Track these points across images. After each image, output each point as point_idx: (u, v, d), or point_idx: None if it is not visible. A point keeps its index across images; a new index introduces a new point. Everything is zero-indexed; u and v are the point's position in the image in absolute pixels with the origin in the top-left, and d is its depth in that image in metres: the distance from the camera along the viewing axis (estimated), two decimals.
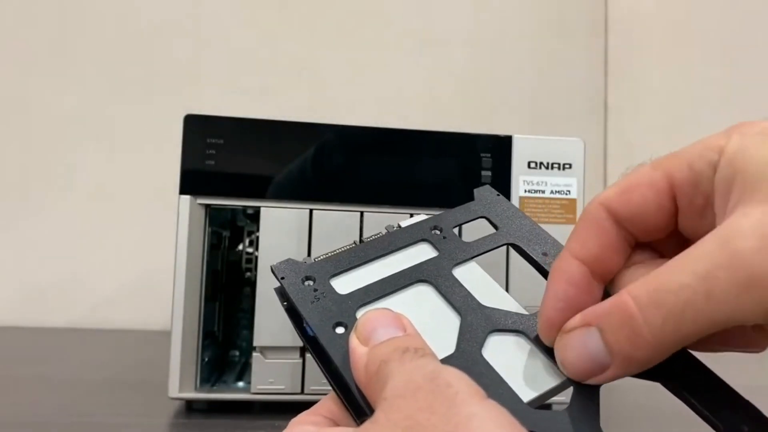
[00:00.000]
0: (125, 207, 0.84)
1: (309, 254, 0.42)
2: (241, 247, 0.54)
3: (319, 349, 0.23)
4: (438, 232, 0.28)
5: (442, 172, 0.44)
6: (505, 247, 0.28)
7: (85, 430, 0.40)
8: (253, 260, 0.53)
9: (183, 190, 0.42)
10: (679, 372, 0.21)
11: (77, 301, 0.82)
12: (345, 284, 0.25)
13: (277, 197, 0.43)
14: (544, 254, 0.27)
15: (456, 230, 0.29)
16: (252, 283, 0.51)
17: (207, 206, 0.43)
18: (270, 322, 0.41)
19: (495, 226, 0.29)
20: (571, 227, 0.44)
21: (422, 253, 0.27)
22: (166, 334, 0.42)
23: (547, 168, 0.45)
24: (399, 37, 0.91)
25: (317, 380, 0.41)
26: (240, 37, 0.88)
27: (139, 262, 0.83)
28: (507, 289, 0.43)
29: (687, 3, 0.97)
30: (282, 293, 0.25)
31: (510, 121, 0.92)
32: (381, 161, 0.44)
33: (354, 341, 0.22)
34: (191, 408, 0.44)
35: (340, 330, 0.23)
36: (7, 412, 0.43)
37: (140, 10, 0.87)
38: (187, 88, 0.86)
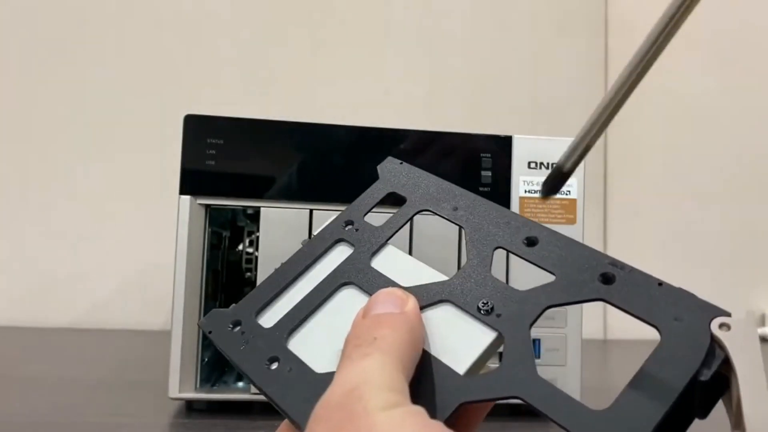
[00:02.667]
0: (125, 207, 0.84)
1: None
2: (241, 247, 0.54)
3: (261, 389, 0.23)
4: (351, 227, 0.28)
5: (442, 172, 0.44)
6: (417, 215, 0.28)
7: (85, 430, 0.40)
8: (253, 260, 0.53)
9: (183, 191, 0.42)
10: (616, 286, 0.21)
11: (77, 301, 0.82)
12: (271, 316, 0.25)
13: (277, 197, 0.43)
14: (455, 209, 0.27)
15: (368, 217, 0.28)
16: (252, 283, 0.51)
17: (207, 206, 0.43)
18: None
19: (403, 199, 0.28)
20: (571, 227, 0.44)
21: (340, 254, 0.27)
22: (167, 334, 0.42)
23: (547, 168, 0.45)
24: (399, 38, 0.91)
25: None
26: (240, 37, 0.88)
27: (140, 262, 0.83)
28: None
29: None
30: (215, 345, 0.25)
31: (510, 121, 0.92)
32: (381, 161, 0.44)
33: (359, 312, 0.22)
34: (191, 408, 0.44)
35: (274, 366, 0.23)
36: (6, 412, 0.42)
37: (140, 10, 0.86)
38: (188, 88, 0.86)
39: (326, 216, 0.42)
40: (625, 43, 0.96)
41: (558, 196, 0.45)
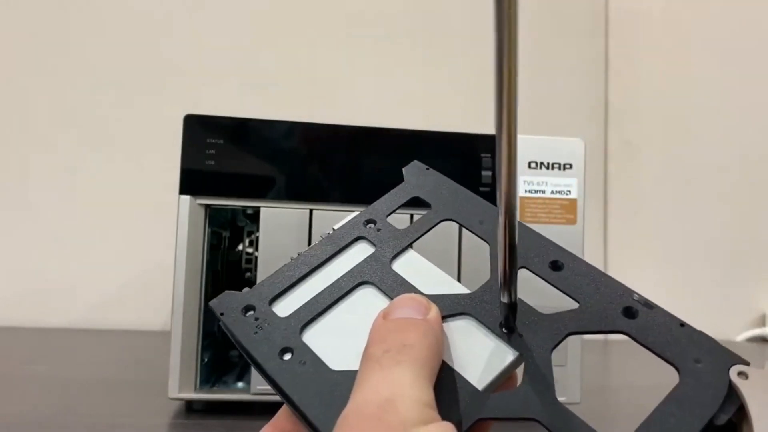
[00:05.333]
0: (125, 207, 0.84)
1: None
2: (241, 247, 0.54)
3: (272, 379, 0.23)
4: (372, 226, 0.27)
5: (442, 172, 0.44)
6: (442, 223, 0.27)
7: (85, 430, 0.40)
8: (253, 260, 0.53)
9: (183, 191, 0.42)
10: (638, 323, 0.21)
11: (77, 301, 0.82)
12: (286, 305, 0.25)
13: (277, 197, 0.43)
14: (481, 222, 0.26)
15: (391, 219, 0.28)
16: (252, 284, 0.51)
17: (207, 206, 0.43)
18: None
19: (428, 205, 0.28)
20: (571, 227, 0.44)
21: (360, 252, 0.26)
22: (166, 335, 0.42)
23: (547, 168, 0.45)
24: (399, 37, 0.91)
25: None
26: (240, 37, 0.88)
27: (140, 262, 0.83)
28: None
29: (687, 3, 0.97)
30: (225, 330, 0.24)
31: None
32: (381, 161, 0.44)
33: (380, 314, 0.22)
34: (191, 408, 0.44)
35: (287, 356, 0.22)
36: (7, 412, 0.42)
37: (141, 10, 0.86)
38: (188, 88, 0.86)
39: (326, 216, 0.43)
40: (626, 43, 0.96)
41: (558, 196, 0.45)
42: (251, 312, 0.24)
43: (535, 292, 0.25)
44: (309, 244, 0.42)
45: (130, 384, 0.51)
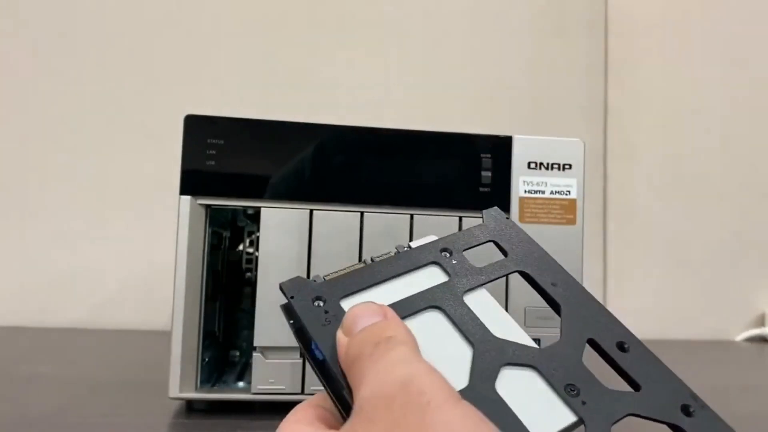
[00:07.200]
0: (126, 207, 0.84)
1: (309, 255, 0.42)
2: (241, 247, 0.54)
3: (328, 373, 0.23)
4: (448, 255, 0.28)
5: (442, 173, 0.44)
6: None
7: (85, 430, 0.40)
8: (253, 260, 0.53)
9: (183, 191, 0.42)
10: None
11: (77, 301, 0.82)
12: None
13: (277, 197, 0.43)
14: (554, 284, 0.27)
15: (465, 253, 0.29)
16: (252, 284, 0.51)
17: (207, 206, 0.43)
18: (270, 323, 0.41)
19: (504, 252, 0.29)
20: (570, 228, 0.45)
21: (433, 276, 0.27)
22: (167, 334, 0.42)
23: (547, 168, 0.45)
24: (400, 38, 0.91)
25: (317, 380, 0.41)
26: (241, 37, 0.88)
27: (140, 262, 0.83)
28: (507, 289, 0.43)
29: (687, 3, 0.97)
30: (289, 311, 0.25)
31: (510, 121, 0.92)
32: (381, 161, 0.44)
33: (339, 333, 0.22)
34: (191, 408, 0.44)
35: None
36: (7, 412, 0.43)
37: (141, 10, 0.87)
38: (188, 88, 0.86)
39: (326, 216, 0.43)
40: (625, 43, 0.96)
41: (558, 196, 0.45)
42: (321, 303, 0.25)
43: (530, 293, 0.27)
44: (309, 244, 0.42)
45: (130, 384, 0.51)
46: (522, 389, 0.23)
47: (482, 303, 0.26)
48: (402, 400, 0.18)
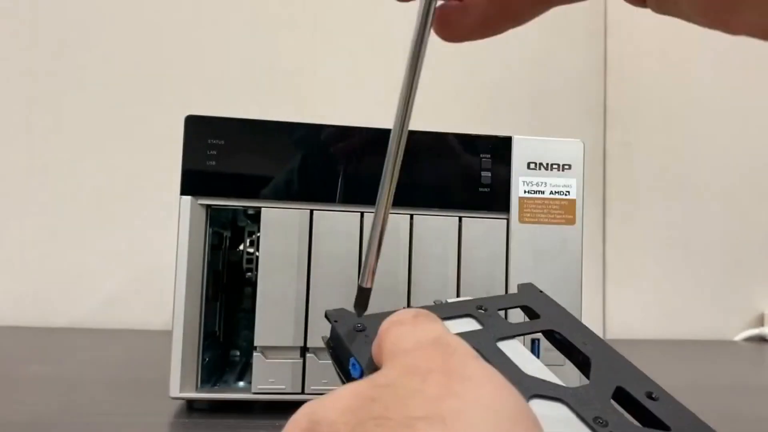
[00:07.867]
0: (126, 207, 0.84)
1: (309, 255, 0.42)
2: (242, 247, 0.54)
3: None
4: (483, 311, 0.29)
5: (442, 173, 0.44)
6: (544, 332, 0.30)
7: (85, 430, 0.40)
8: (254, 260, 0.53)
9: (184, 191, 0.42)
10: None
11: (78, 300, 0.82)
12: None
13: (278, 197, 0.43)
14: (585, 343, 0.29)
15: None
16: (253, 283, 0.51)
17: (208, 207, 0.43)
18: (271, 322, 0.41)
19: (537, 315, 0.30)
20: (570, 228, 0.45)
21: (466, 325, 0.29)
22: (167, 334, 0.42)
23: (546, 169, 0.45)
24: (399, 38, 0.91)
25: (318, 380, 0.41)
26: (241, 37, 0.88)
27: (141, 262, 0.83)
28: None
29: None
30: (331, 338, 0.27)
31: (510, 121, 0.92)
32: (381, 161, 0.44)
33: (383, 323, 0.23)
34: (192, 408, 0.44)
35: None
36: (7, 412, 0.43)
37: (141, 9, 0.87)
38: (188, 88, 0.86)
39: (326, 216, 0.43)
40: (625, 44, 0.96)
41: (558, 196, 0.45)
42: (361, 332, 0.27)
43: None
44: (309, 244, 0.42)
45: (130, 383, 0.51)
46: (551, 418, 0.23)
47: (514, 348, 0.27)
48: (432, 347, 0.19)
